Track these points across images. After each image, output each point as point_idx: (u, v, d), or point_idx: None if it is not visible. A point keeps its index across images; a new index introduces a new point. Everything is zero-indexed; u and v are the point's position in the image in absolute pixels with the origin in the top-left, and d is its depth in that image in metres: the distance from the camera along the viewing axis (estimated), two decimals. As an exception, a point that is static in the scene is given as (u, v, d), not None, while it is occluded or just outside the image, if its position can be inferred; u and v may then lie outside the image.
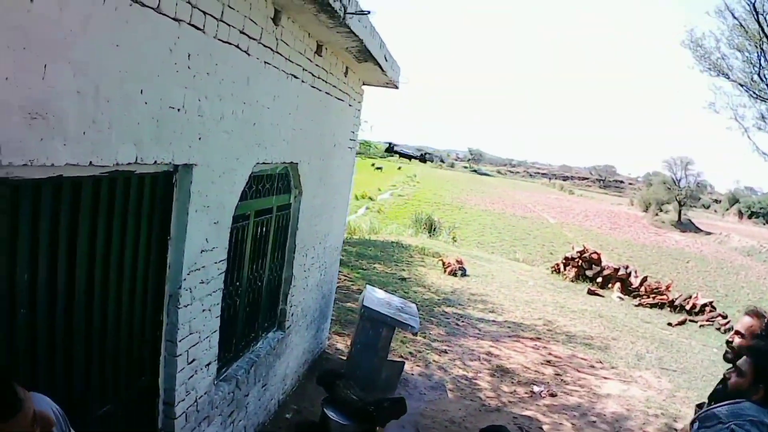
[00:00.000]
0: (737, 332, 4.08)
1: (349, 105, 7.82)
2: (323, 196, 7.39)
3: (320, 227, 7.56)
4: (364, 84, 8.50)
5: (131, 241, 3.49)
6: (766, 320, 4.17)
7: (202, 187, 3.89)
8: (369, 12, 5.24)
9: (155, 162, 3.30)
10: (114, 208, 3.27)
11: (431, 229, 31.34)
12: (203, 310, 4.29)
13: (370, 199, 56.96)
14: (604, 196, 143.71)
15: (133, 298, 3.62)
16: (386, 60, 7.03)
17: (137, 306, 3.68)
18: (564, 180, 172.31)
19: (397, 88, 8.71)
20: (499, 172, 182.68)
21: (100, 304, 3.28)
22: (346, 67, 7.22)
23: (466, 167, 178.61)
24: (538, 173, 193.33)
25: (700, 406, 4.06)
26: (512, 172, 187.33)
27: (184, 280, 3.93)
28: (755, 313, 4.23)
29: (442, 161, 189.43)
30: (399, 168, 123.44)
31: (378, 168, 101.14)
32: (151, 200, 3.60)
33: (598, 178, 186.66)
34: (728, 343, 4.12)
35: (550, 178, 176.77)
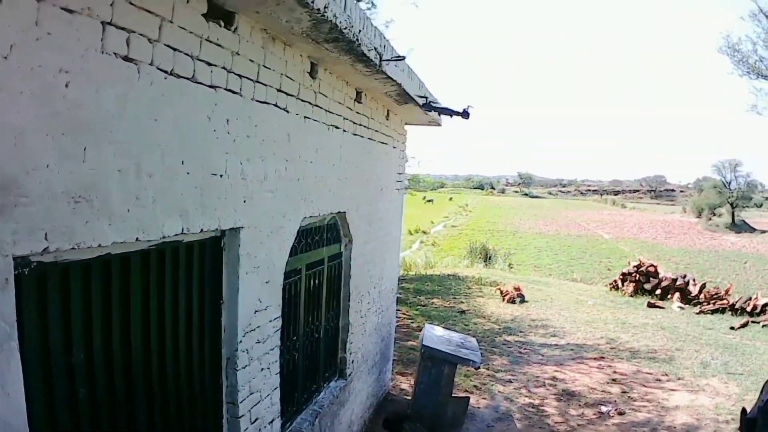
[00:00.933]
0: None
1: (393, 147, 7.82)
2: (374, 241, 7.37)
3: (374, 272, 7.54)
4: (407, 124, 8.51)
5: (184, 308, 3.50)
6: None
7: (250, 248, 3.90)
8: (404, 57, 5.25)
9: (201, 230, 3.32)
10: (164, 278, 3.29)
11: (486, 258, 31.10)
12: (262, 369, 4.28)
13: (424, 232, 57.16)
14: (657, 206, 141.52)
15: (191, 364, 3.63)
16: (426, 99, 7.03)
17: (196, 371, 3.68)
18: (615, 194, 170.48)
19: (439, 125, 8.70)
20: (550, 193, 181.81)
21: (158, 373, 3.29)
22: (387, 110, 7.25)
23: (517, 192, 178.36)
24: (589, 190, 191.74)
25: (744, 412, 3.92)
26: (563, 192, 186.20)
27: (240, 342, 3.92)
28: None
29: (492, 187, 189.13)
30: (450, 199, 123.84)
31: (429, 201, 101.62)
32: (200, 266, 3.61)
33: (649, 189, 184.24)
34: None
35: (601, 194, 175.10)
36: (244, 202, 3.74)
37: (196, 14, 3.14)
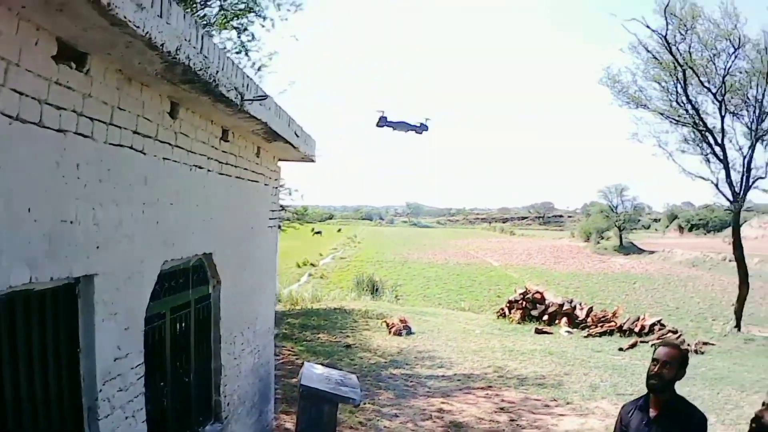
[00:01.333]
0: (665, 363, 4.13)
1: (265, 184, 7.81)
2: (246, 281, 7.30)
3: (247, 312, 7.45)
4: (280, 160, 8.52)
5: (38, 358, 3.37)
6: (682, 348, 4.36)
7: (106, 295, 3.80)
8: (266, 97, 5.28)
9: (52, 278, 3.23)
10: (15, 327, 3.16)
11: (374, 290, 31.28)
12: (126, 418, 4.15)
13: (312, 265, 57.17)
14: (545, 232, 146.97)
15: (50, 415, 3.48)
16: (297, 136, 7.09)
17: (55, 422, 3.53)
18: (504, 222, 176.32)
19: (313, 161, 8.76)
20: (438, 222, 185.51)
21: (15, 425, 3.15)
22: (258, 148, 7.24)
23: (405, 222, 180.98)
24: (478, 218, 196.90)
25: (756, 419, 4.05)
26: (452, 221, 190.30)
27: (100, 391, 3.80)
28: (670, 344, 4.41)
29: (381, 218, 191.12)
30: (339, 230, 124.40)
31: (317, 232, 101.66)
32: (54, 314, 3.49)
33: (537, 216, 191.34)
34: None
35: (490, 222, 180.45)
36: (98, 248, 3.65)
37: (46, 56, 3.09)
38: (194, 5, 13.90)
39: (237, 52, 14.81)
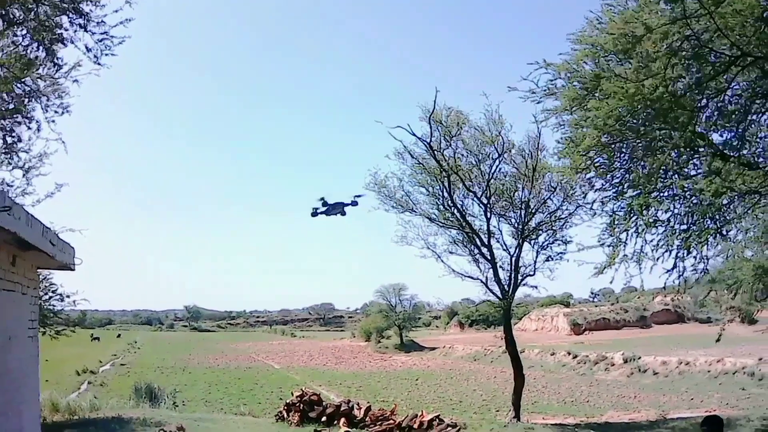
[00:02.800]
0: None
1: (23, 294, 7.51)
2: (5, 394, 6.89)
3: (8, 426, 7.00)
4: (39, 268, 8.24)
5: None
6: None
7: None
8: (9, 208, 5.20)
9: None
10: None
11: (152, 396, 30.02)
12: None
13: (92, 372, 54.57)
14: (326, 332, 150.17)
15: None
16: (53, 245, 6.94)
17: None
18: (284, 324, 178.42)
19: (72, 269, 8.53)
20: (219, 326, 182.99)
21: None
22: (13, 256, 6.99)
23: (186, 326, 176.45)
24: (258, 321, 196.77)
25: None
26: (232, 325, 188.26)
27: None
28: None
29: (161, 323, 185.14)
30: (119, 336, 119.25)
31: (96, 338, 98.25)
32: None
33: (317, 317, 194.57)
34: None
35: (270, 325, 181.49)
36: None
37: None
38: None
39: (4, 153, 14.17)
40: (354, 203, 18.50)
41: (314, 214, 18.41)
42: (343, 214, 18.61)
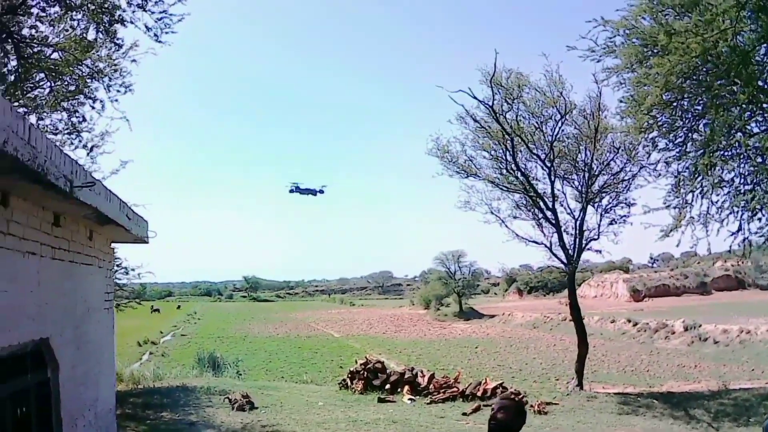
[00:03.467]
0: (500, 408, 4.56)
1: (99, 267, 7.84)
2: (85, 363, 7.24)
3: (87, 395, 7.38)
4: (114, 242, 8.58)
5: None
6: (515, 399, 5.04)
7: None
8: (95, 183, 5.46)
9: None
10: None
11: (215, 366, 30.67)
12: None
13: (153, 343, 55.50)
14: (385, 301, 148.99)
15: None
16: (129, 219, 7.23)
17: None
18: (343, 293, 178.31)
19: (146, 242, 8.86)
20: (278, 296, 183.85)
21: None
22: (91, 231, 7.31)
23: (245, 296, 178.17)
24: (317, 291, 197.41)
25: None
26: (291, 294, 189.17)
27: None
28: (504, 396, 5.10)
29: (220, 294, 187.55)
30: (179, 307, 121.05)
31: (156, 310, 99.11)
32: None
33: (376, 285, 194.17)
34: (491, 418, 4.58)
35: (329, 294, 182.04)
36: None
37: None
38: (24, 87, 13.70)
39: (68, 133, 14.64)
40: (321, 191, 19.09)
41: (291, 191, 19.00)
42: (315, 194, 19.27)
